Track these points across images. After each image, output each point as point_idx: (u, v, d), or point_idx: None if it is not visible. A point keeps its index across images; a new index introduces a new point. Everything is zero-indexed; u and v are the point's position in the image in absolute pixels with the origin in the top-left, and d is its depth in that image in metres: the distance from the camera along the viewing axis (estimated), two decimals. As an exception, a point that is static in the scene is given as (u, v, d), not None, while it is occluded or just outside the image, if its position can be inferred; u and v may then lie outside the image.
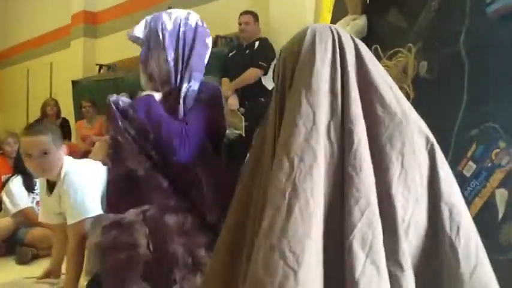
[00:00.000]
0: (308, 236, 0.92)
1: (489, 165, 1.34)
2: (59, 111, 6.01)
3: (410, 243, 1.00)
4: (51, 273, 2.43)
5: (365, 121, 1.05)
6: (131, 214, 1.52)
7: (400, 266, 0.95)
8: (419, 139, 1.07)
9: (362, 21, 1.68)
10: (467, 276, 0.98)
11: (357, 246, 0.93)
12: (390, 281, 0.93)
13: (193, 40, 1.79)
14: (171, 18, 1.80)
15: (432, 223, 1.03)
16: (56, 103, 6.04)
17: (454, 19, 1.47)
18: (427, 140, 1.09)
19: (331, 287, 0.93)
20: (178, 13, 1.83)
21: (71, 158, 2.30)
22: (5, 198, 3.28)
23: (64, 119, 6.09)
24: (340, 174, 1.01)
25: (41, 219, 2.48)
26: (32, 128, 2.23)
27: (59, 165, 2.16)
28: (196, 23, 1.83)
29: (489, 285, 1.00)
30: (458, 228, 1.02)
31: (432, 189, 1.05)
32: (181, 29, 1.78)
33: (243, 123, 3.54)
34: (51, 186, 2.25)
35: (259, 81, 4.12)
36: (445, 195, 1.04)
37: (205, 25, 1.87)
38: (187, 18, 1.81)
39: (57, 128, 2.52)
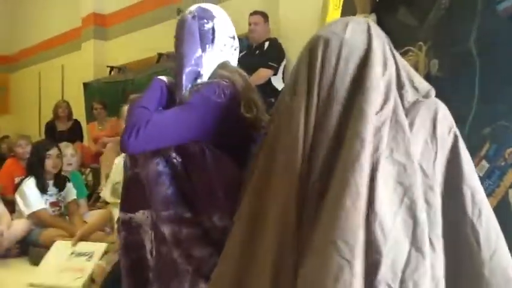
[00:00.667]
0: (360, 226, 0.93)
1: (502, 164, 1.33)
2: (70, 113, 6.06)
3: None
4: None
5: None
6: (140, 215, 1.49)
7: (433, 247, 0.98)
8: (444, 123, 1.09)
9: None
10: (487, 258, 1.00)
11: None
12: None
13: (178, 40, 1.61)
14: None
15: (453, 204, 1.04)
16: (68, 105, 6.09)
17: (465, 17, 1.46)
18: (451, 126, 1.11)
19: None
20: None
21: None
22: (18, 200, 3.32)
23: (76, 120, 6.14)
24: None
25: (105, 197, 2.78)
26: None
27: None
28: (187, 17, 1.61)
29: (508, 270, 1.01)
30: (480, 212, 1.03)
31: (454, 171, 1.06)
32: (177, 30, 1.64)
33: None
34: None
35: (269, 82, 4.11)
36: (467, 178, 1.05)
37: (203, 12, 1.63)
38: (182, 17, 1.65)
39: None
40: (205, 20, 1.59)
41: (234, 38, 1.69)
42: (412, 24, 1.60)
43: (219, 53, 1.62)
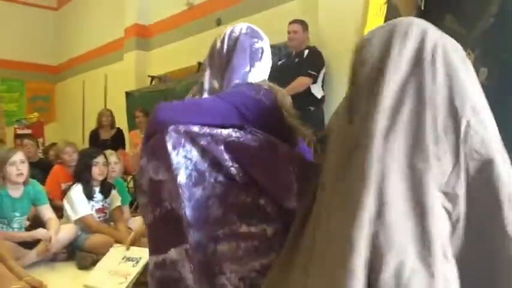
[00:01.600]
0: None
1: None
2: (113, 121, 6.21)
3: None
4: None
5: None
6: (173, 252, 1.45)
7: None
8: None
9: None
10: None
11: None
12: None
13: (229, 52, 1.66)
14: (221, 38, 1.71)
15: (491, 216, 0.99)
16: (111, 113, 6.24)
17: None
18: None
19: None
20: (228, 29, 1.73)
21: None
22: (66, 206, 3.43)
23: (118, 129, 6.29)
24: None
25: None
26: None
27: None
28: (240, 33, 1.67)
29: None
30: None
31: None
32: (220, 45, 1.69)
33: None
34: None
35: (308, 90, 4.11)
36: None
37: (253, 32, 1.69)
38: (232, 31, 1.69)
39: None
40: (256, 40, 1.68)
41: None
42: (460, 32, 1.58)
43: (262, 72, 1.69)
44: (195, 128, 1.46)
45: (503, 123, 1.09)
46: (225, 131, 1.47)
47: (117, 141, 6.07)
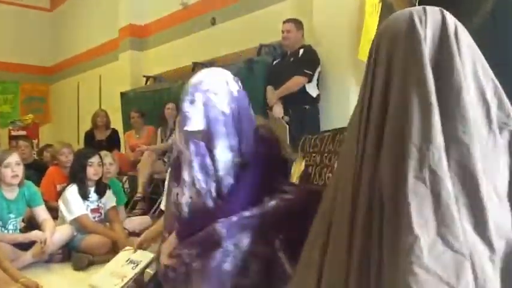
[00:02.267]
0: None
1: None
2: (108, 122, 6.20)
3: None
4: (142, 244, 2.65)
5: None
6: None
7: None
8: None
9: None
10: None
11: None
12: None
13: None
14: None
15: None
16: (106, 114, 6.22)
17: (509, 21, 1.44)
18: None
19: None
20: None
21: None
22: (61, 206, 3.42)
23: (113, 129, 6.27)
24: None
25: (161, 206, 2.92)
26: None
27: None
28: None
29: None
30: None
31: None
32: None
33: (287, 131, 3.54)
34: None
35: (303, 89, 4.10)
36: None
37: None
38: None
39: None
40: None
41: None
42: (454, 29, 1.58)
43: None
44: None
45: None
46: None
47: (112, 142, 6.05)
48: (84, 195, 3.44)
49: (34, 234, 3.11)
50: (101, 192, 3.55)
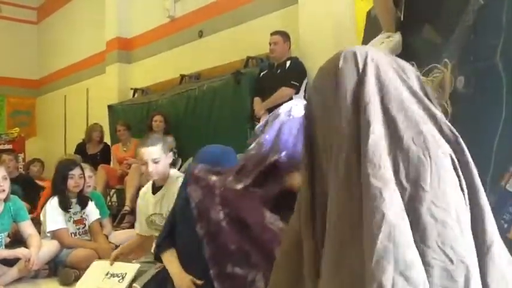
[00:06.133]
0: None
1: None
2: (102, 137, 6.21)
3: None
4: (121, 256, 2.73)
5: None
6: None
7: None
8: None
9: (397, 38, 1.69)
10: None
11: None
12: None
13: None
14: None
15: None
16: (102, 129, 6.23)
17: (490, 33, 1.46)
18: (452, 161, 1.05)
19: None
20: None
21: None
22: (42, 219, 3.39)
23: (105, 144, 6.26)
24: None
25: (136, 230, 2.91)
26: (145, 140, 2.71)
27: (167, 170, 2.68)
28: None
29: None
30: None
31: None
32: None
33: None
34: (156, 188, 2.72)
35: (290, 100, 4.12)
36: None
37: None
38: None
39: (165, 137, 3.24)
40: None
41: None
42: (437, 41, 1.61)
43: None
44: None
45: (479, 129, 1.11)
46: None
47: (105, 157, 6.02)
48: (65, 207, 3.38)
49: (20, 251, 3.04)
50: (83, 204, 3.51)
